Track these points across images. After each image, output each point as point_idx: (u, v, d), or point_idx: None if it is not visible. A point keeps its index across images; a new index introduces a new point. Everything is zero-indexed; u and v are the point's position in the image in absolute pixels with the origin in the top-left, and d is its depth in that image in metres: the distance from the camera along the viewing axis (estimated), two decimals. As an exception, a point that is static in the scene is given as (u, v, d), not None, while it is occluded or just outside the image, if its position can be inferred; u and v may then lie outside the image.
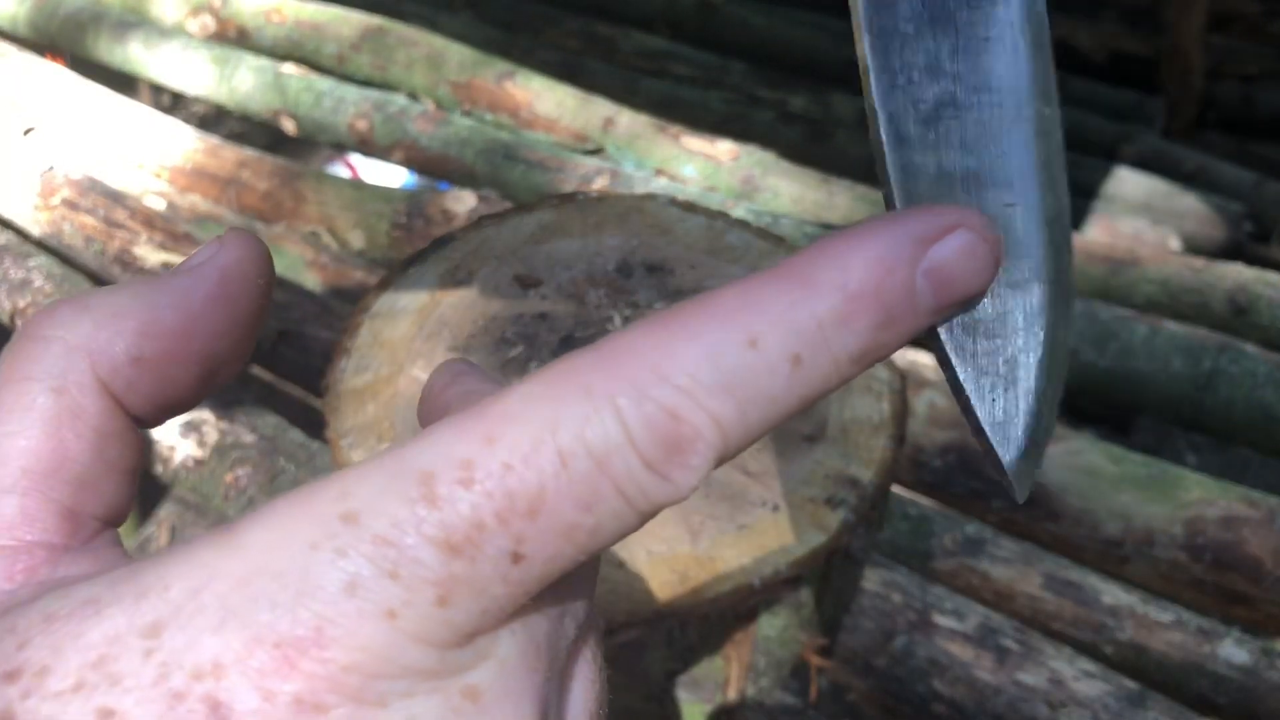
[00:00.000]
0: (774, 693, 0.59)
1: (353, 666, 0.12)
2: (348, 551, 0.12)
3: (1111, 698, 0.58)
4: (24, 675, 0.12)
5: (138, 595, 0.12)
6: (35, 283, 0.88)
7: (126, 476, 0.15)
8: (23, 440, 0.14)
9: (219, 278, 0.15)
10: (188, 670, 0.12)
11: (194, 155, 1.05)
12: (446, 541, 0.12)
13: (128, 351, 0.14)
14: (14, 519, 0.14)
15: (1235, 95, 1.60)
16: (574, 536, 0.13)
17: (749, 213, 0.91)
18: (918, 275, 0.14)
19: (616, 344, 0.13)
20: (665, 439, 0.13)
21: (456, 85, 1.17)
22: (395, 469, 0.13)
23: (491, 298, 0.56)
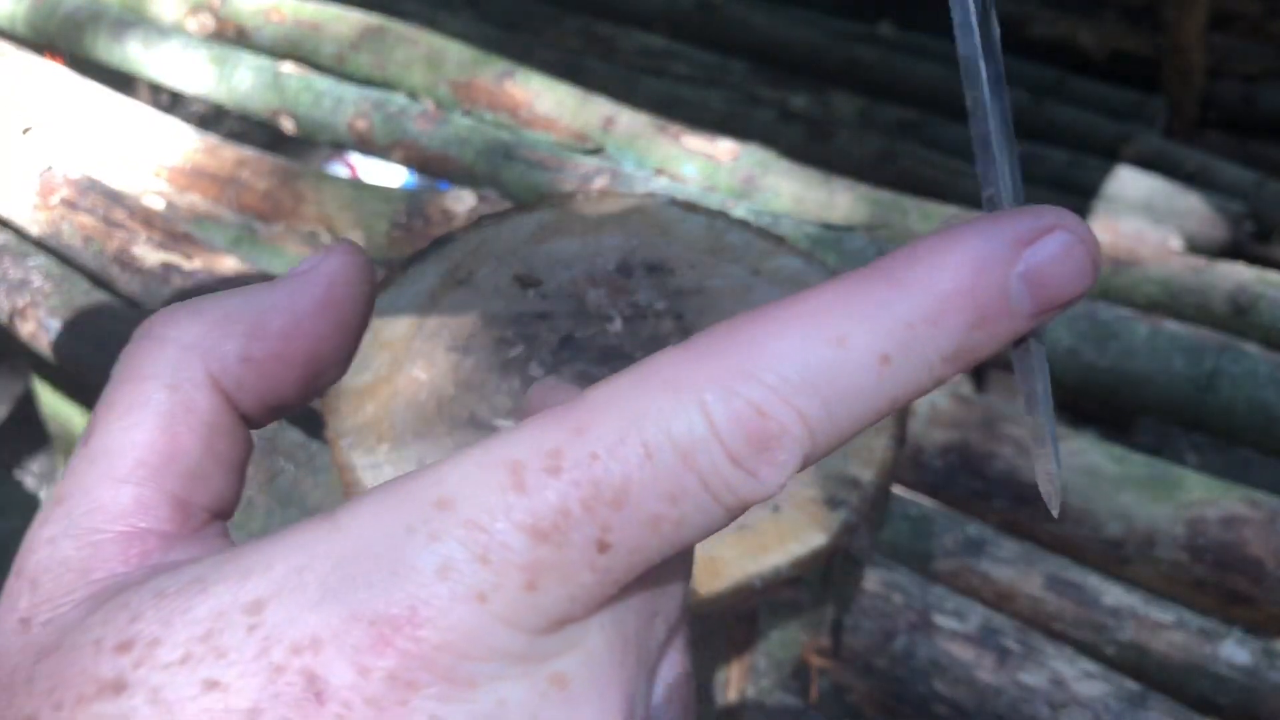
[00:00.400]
0: (774, 693, 0.59)
1: (444, 646, 0.12)
2: (441, 535, 0.13)
3: (1113, 698, 0.58)
4: (136, 646, 0.13)
5: (242, 574, 0.13)
6: (34, 282, 0.88)
7: (234, 471, 0.16)
8: (139, 434, 0.15)
9: (325, 284, 0.16)
10: (287, 645, 0.12)
11: (193, 155, 1.05)
12: (534, 528, 0.13)
13: (237, 351, 0.15)
14: (129, 507, 0.14)
15: (1236, 95, 1.60)
16: (659, 528, 0.13)
17: (749, 212, 0.91)
18: (1013, 277, 0.14)
19: (703, 341, 0.14)
20: (751, 435, 0.13)
21: (456, 84, 1.17)
22: (487, 459, 0.13)
23: (491, 298, 0.56)
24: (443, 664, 0.12)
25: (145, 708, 0.12)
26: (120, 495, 0.14)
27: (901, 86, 1.51)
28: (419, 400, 0.52)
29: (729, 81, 1.52)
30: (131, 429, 0.15)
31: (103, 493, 0.14)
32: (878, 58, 1.55)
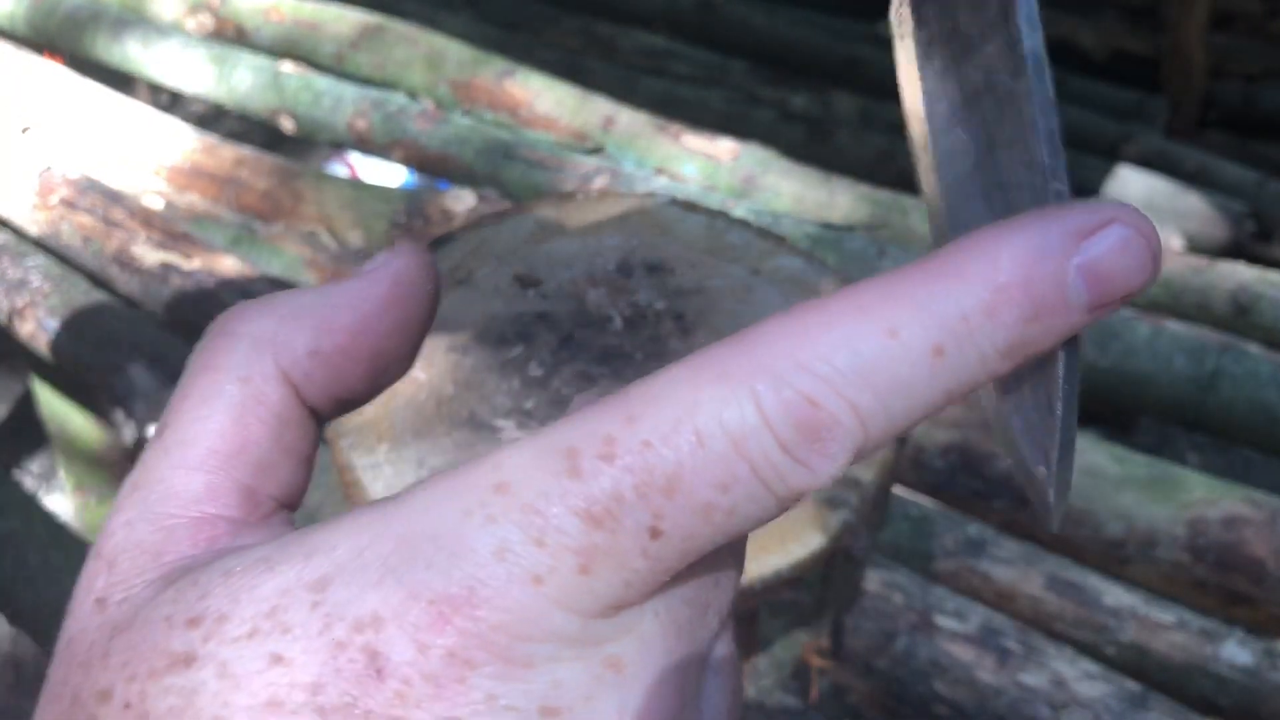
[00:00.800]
0: (775, 693, 0.59)
1: (501, 626, 0.13)
2: (498, 519, 0.13)
3: (1113, 699, 0.58)
4: (205, 622, 0.13)
5: (307, 554, 0.13)
6: (33, 282, 0.87)
7: (302, 462, 0.16)
8: (212, 424, 0.15)
9: (390, 282, 0.16)
10: (349, 622, 0.13)
11: (192, 154, 1.05)
12: (588, 512, 0.13)
13: (306, 346, 0.16)
14: (201, 494, 0.15)
15: (1237, 94, 1.60)
16: (711, 516, 0.13)
17: (749, 212, 0.91)
18: (1070, 269, 0.14)
19: (756, 332, 0.14)
20: (802, 424, 0.13)
21: (456, 84, 1.17)
22: (544, 445, 0.13)
23: (491, 297, 0.56)
24: (500, 643, 0.13)
25: (213, 680, 0.13)
26: (192, 482, 0.15)
27: (902, 86, 1.51)
28: (418, 400, 0.52)
29: (729, 81, 1.52)
30: (204, 419, 0.15)
31: (176, 480, 0.15)
32: (878, 57, 1.55)
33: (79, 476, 1.37)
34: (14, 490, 0.71)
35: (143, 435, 0.73)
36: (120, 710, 0.13)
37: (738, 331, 0.14)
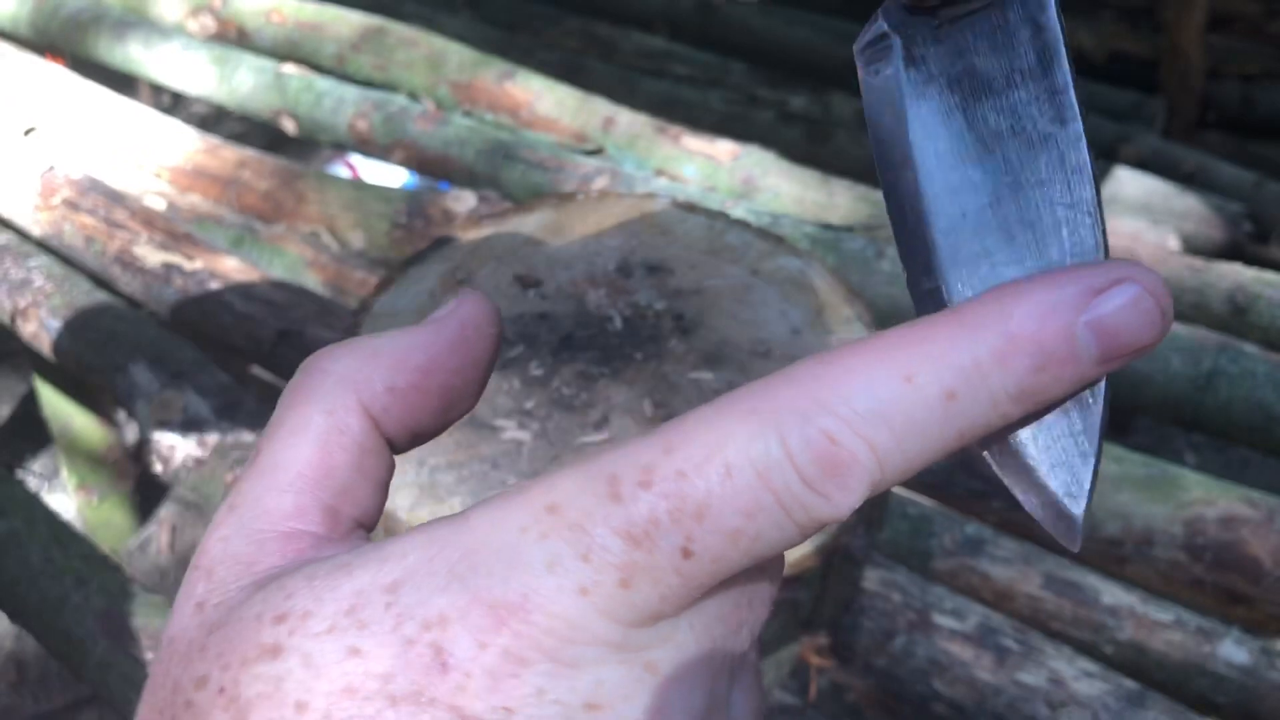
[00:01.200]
0: (774, 692, 0.59)
1: (551, 631, 0.14)
2: (550, 535, 0.15)
3: (1111, 697, 0.58)
4: (290, 618, 0.15)
5: (381, 560, 0.15)
6: (36, 282, 0.88)
7: (379, 487, 0.18)
8: (300, 451, 0.17)
9: (458, 326, 0.18)
10: (419, 621, 0.15)
11: (194, 155, 1.05)
12: (628, 533, 0.14)
13: (384, 382, 0.18)
14: (290, 512, 0.17)
15: (1235, 95, 1.60)
16: (738, 540, 0.15)
17: (749, 213, 0.91)
18: (1080, 324, 0.15)
19: (784, 375, 0.15)
20: (823, 460, 0.14)
21: (456, 85, 1.17)
22: (591, 471, 0.15)
23: (492, 298, 0.56)
24: (550, 645, 0.14)
25: (298, 669, 0.15)
26: (283, 502, 0.17)
27: (901, 87, 1.51)
28: (420, 400, 0.52)
29: (728, 82, 1.53)
30: (294, 447, 0.17)
31: (269, 500, 0.17)
32: (877, 59, 1.55)
33: (81, 475, 1.37)
34: (17, 489, 0.71)
35: (145, 435, 0.73)
36: (215, 694, 0.15)
37: (767, 374, 0.15)
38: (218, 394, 0.73)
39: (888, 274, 0.85)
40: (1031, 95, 0.17)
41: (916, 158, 0.17)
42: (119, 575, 0.64)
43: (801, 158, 1.08)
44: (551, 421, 0.50)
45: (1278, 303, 0.91)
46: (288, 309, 0.80)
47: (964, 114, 0.17)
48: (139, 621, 0.61)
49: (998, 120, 0.17)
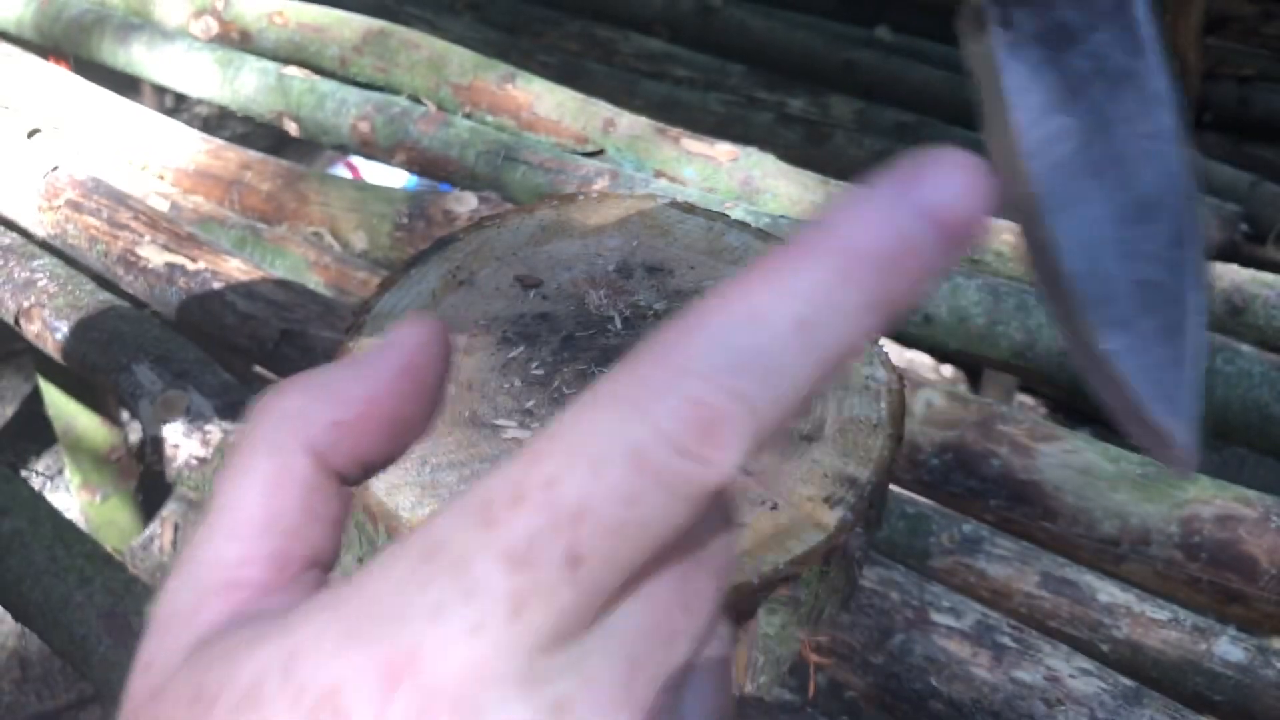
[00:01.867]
0: (773, 689, 0.60)
1: (449, 678, 0.14)
2: (431, 581, 0.14)
3: (1108, 695, 0.58)
4: (202, 700, 0.15)
5: (285, 631, 0.15)
6: (40, 283, 0.88)
7: (331, 525, 0.18)
8: (247, 496, 0.17)
9: (402, 353, 0.18)
10: (315, 692, 0.14)
11: (197, 157, 1.06)
12: (508, 557, 0.14)
13: (328, 417, 0.17)
14: (233, 561, 0.17)
15: (1231, 96, 1.60)
16: (625, 534, 0.14)
17: (748, 214, 0.92)
18: (906, 217, 0.14)
19: (642, 352, 0.14)
20: (693, 425, 0.14)
21: (458, 87, 1.18)
22: (463, 503, 0.14)
23: (493, 298, 0.57)
24: (449, 695, 0.14)
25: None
26: (227, 551, 0.17)
27: (899, 89, 1.52)
28: (422, 399, 0.52)
29: (728, 84, 1.53)
30: (241, 491, 0.17)
31: (214, 549, 0.17)
32: (875, 61, 1.56)
33: (85, 475, 1.37)
34: (21, 488, 0.72)
35: (148, 434, 0.73)
36: None
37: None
38: (221, 393, 0.73)
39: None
40: (1110, 34, 0.18)
41: (1014, 116, 0.18)
42: (122, 574, 0.65)
43: (800, 159, 1.09)
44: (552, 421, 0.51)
45: (1274, 303, 0.91)
46: (290, 309, 0.80)
47: (1054, 64, 0.18)
48: (142, 620, 0.61)
49: (1082, 64, 0.18)
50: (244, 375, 0.90)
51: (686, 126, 1.12)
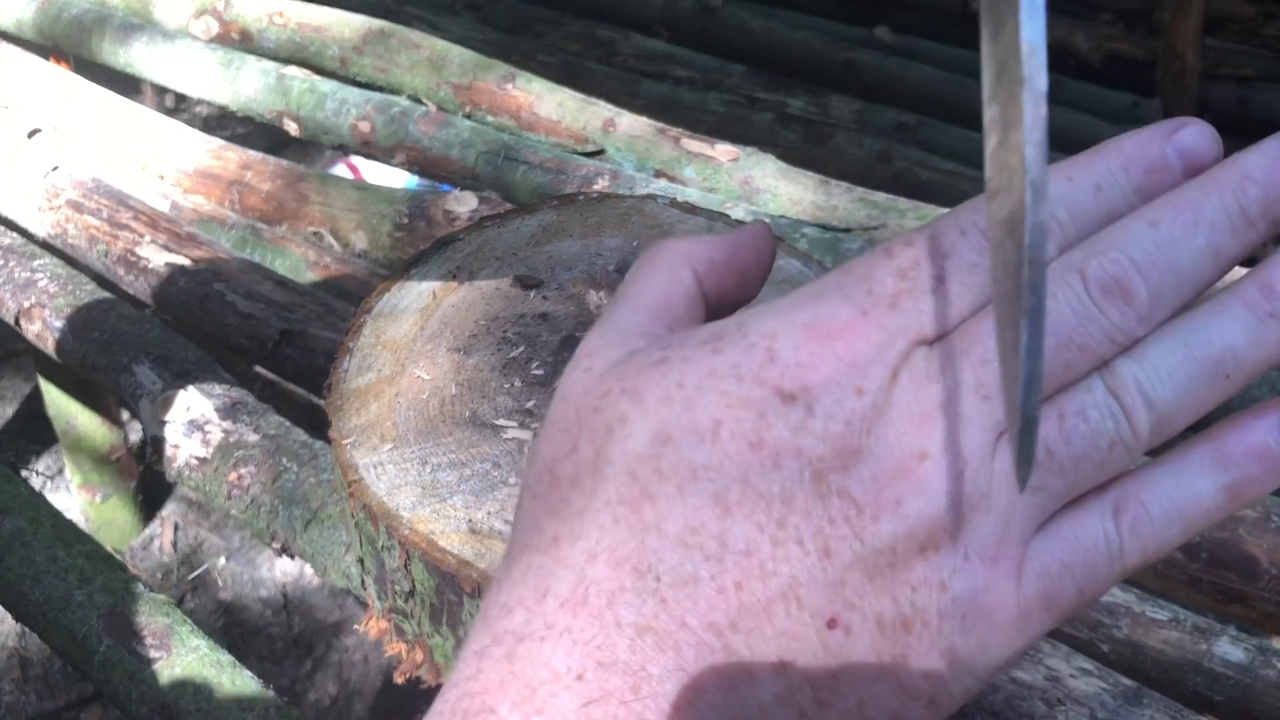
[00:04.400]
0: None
1: (841, 334, 0.22)
2: (843, 284, 0.23)
3: (1108, 695, 0.58)
4: (671, 346, 0.24)
5: (728, 317, 0.24)
6: (40, 283, 0.88)
7: (698, 319, 0.26)
8: (652, 289, 0.26)
9: (752, 235, 0.27)
10: (757, 333, 0.23)
11: (197, 157, 1.06)
12: (898, 272, 0.24)
13: (707, 255, 0.26)
14: (644, 323, 0.25)
15: (1231, 97, 1.60)
16: (968, 276, 0.24)
17: (748, 214, 0.92)
18: (1168, 151, 0.24)
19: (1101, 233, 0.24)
20: (1108, 285, 0.23)
21: (458, 88, 1.18)
22: (875, 248, 0.25)
23: (493, 298, 0.57)
24: (840, 344, 0.22)
25: (677, 365, 0.23)
26: (639, 318, 0.25)
27: (898, 89, 1.52)
28: (421, 400, 0.52)
29: (728, 84, 1.53)
30: (648, 286, 0.26)
31: (629, 315, 0.25)
32: (875, 61, 1.56)
33: (85, 474, 1.37)
34: (21, 488, 0.72)
35: (148, 434, 0.73)
36: (617, 394, 0.23)
37: None
38: (221, 393, 0.73)
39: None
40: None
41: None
42: (123, 574, 0.65)
43: (800, 159, 1.09)
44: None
45: (1274, 303, 0.91)
46: (290, 309, 0.80)
47: None
48: (142, 620, 0.61)
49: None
50: (244, 375, 0.90)
51: (687, 126, 1.12)
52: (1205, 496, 0.23)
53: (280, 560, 1.38)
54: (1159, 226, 0.22)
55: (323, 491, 0.65)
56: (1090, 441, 0.22)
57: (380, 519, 0.47)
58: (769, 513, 0.21)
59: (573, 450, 0.23)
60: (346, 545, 0.62)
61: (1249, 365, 0.23)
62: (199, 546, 1.42)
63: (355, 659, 1.29)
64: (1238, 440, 0.23)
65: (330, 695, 1.26)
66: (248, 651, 1.29)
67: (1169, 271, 0.22)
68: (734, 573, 0.21)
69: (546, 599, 0.21)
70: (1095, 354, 0.22)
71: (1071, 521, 0.22)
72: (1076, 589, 0.22)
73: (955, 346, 0.22)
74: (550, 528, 0.22)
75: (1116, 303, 0.22)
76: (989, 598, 0.21)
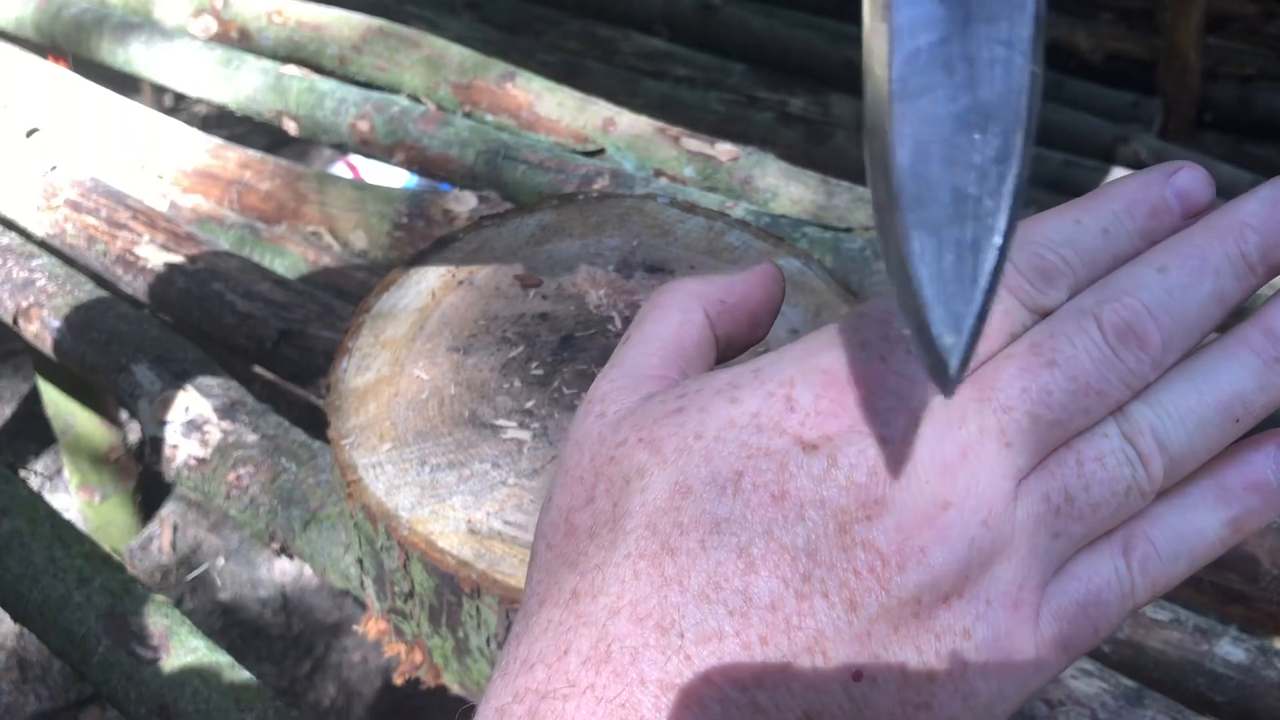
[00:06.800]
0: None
1: (850, 377, 0.22)
2: (854, 329, 0.23)
3: (1109, 696, 0.58)
4: (687, 395, 0.23)
5: (742, 363, 0.24)
6: (38, 282, 0.88)
7: (709, 361, 0.26)
8: (663, 332, 0.26)
9: (762, 275, 0.27)
10: (776, 381, 0.22)
11: (196, 156, 1.05)
12: None
13: (718, 297, 0.26)
14: (657, 365, 0.25)
15: (1232, 96, 1.60)
16: None
17: (748, 213, 0.92)
18: (1167, 193, 0.24)
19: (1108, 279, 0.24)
20: (1122, 331, 0.23)
21: (458, 86, 1.18)
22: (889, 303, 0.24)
23: (492, 298, 0.57)
24: (859, 398, 0.22)
25: (695, 415, 0.22)
26: (652, 360, 0.25)
27: (900, 88, 1.52)
28: (420, 400, 0.52)
29: (728, 83, 1.53)
30: (660, 328, 0.26)
31: (642, 357, 0.25)
32: (876, 60, 1.56)
33: (84, 475, 1.37)
34: (19, 488, 0.71)
35: (146, 434, 0.73)
36: (634, 443, 0.23)
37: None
38: (220, 393, 0.73)
39: (886, 274, 0.85)
40: None
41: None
42: (121, 574, 0.65)
43: (801, 159, 1.09)
44: (552, 421, 0.51)
45: (1275, 303, 0.91)
46: (289, 309, 0.80)
47: None
48: (141, 620, 0.61)
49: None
50: (243, 375, 0.90)
51: (687, 126, 1.12)
52: (1209, 531, 0.23)
53: (279, 561, 1.38)
54: (1168, 273, 0.22)
55: (321, 492, 0.65)
56: (1108, 487, 0.22)
57: (379, 519, 0.47)
58: (794, 566, 0.21)
59: (589, 500, 0.23)
60: (345, 546, 0.62)
61: (1257, 409, 0.23)
62: (198, 547, 1.42)
63: (354, 660, 1.29)
64: (1237, 475, 0.23)
65: (329, 696, 1.26)
66: (246, 652, 1.29)
67: (1179, 318, 0.22)
68: (759, 627, 0.20)
69: (568, 656, 0.21)
70: (1112, 399, 0.22)
71: (1084, 562, 0.22)
72: (1092, 629, 0.22)
73: (975, 392, 0.22)
74: (569, 581, 0.22)
75: (1132, 348, 0.22)
76: (1010, 642, 0.21)
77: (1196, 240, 0.23)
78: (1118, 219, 0.23)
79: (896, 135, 0.18)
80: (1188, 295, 0.22)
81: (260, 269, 0.86)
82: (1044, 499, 0.21)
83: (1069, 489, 0.21)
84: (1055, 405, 0.21)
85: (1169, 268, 0.23)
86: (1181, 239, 0.23)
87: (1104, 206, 0.23)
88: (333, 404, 0.52)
